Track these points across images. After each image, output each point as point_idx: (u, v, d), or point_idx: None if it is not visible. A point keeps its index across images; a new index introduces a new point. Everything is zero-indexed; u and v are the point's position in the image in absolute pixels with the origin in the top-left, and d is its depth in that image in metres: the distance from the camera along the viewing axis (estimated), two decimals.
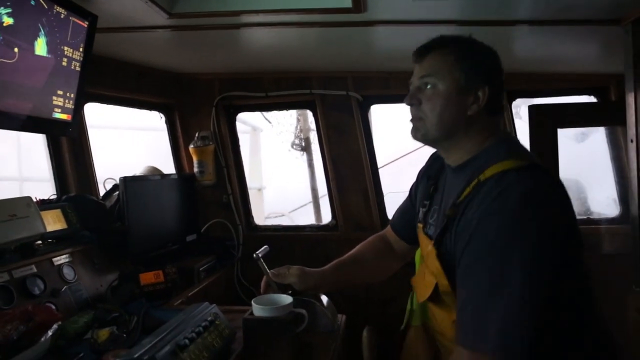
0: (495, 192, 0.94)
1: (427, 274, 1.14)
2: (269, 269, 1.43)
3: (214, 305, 1.37)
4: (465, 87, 1.08)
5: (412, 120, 1.16)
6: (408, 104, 1.15)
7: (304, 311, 1.32)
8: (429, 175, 1.33)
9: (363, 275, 1.55)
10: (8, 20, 1.24)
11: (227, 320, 1.36)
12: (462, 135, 1.12)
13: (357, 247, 1.58)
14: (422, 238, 1.25)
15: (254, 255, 1.45)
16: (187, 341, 1.10)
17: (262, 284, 1.42)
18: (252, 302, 1.29)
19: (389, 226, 1.57)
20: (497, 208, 0.93)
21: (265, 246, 1.53)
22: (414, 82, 1.15)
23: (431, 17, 1.73)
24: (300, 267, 1.41)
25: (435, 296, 1.11)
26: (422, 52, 1.14)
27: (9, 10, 1.23)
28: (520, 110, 2.89)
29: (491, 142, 1.11)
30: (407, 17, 1.74)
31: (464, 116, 1.09)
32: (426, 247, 1.17)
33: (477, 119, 1.10)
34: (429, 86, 1.10)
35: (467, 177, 1.06)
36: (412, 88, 1.15)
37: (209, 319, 1.26)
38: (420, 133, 1.14)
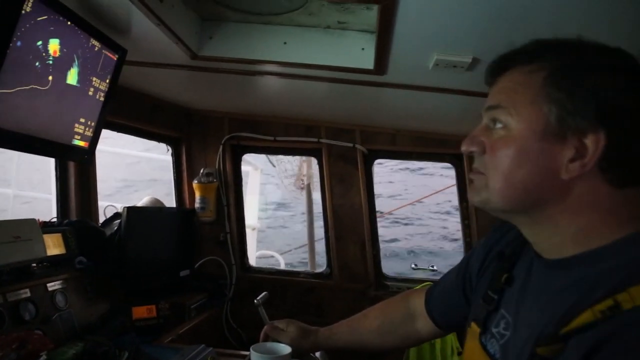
0: None
1: None
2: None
3: (211, 348, 1.36)
4: (559, 128, 0.65)
5: (470, 176, 0.76)
6: (464, 151, 0.76)
7: None
8: (502, 253, 0.87)
9: (362, 345, 1.27)
10: (50, 50, 1.29)
11: None
12: (555, 211, 0.68)
13: (369, 311, 1.26)
14: (478, 354, 0.81)
15: (255, 302, 1.45)
16: None
17: (262, 333, 1.39)
18: (251, 349, 1.28)
19: (420, 294, 1.16)
20: None
21: (265, 292, 1.54)
22: (483, 116, 0.75)
23: (444, 85, 1.82)
24: (298, 327, 1.31)
25: None
26: (498, 67, 0.74)
27: (54, 40, 1.28)
28: None
29: (630, 231, 0.64)
30: (422, 83, 1.83)
31: (554, 181, 0.66)
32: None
33: (585, 188, 0.65)
34: (498, 125, 0.71)
35: (578, 289, 0.63)
36: (480, 126, 0.75)
37: None
38: (478, 196, 0.74)
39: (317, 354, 1.47)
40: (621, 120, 0.63)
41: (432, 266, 3.05)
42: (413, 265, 3.22)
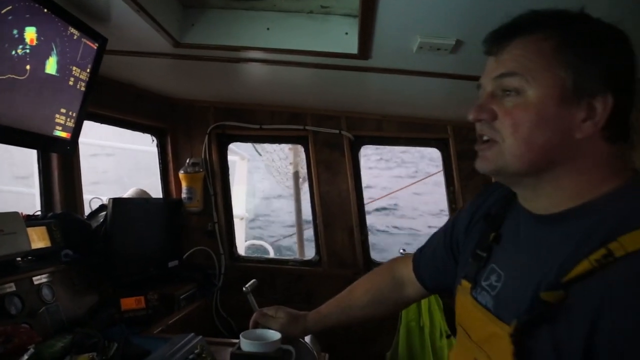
0: None
1: None
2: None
3: (201, 336, 1.36)
4: (574, 93, 0.69)
5: (478, 146, 0.79)
6: (474, 119, 0.77)
7: (291, 348, 1.32)
8: (489, 214, 0.92)
9: (351, 322, 1.35)
10: (26, 39, 1.26)
11: (213, 353, 1.34)
12: (563, 170, 0.72)
13: (354, 287, 1.31)
14: (471, 306, 0.85)
15: (244, 289, 1.45)
16: None
17: (252, 320, 1.40)
18: (241, 336, 1.28)
19: (406, 262, 1.21)
20: None
21: (254, 280, 1.54)
22: (484, 85, 0.78)
23: (428, 69, 1.82)
24: (287, 313, 1.33)
25: None
26: (503, 36, 0.75)
27: (31, 29, 1.25)
28: None
29: (617, 184, 0.71)
30: (406, 67, 1.82)
31: (569, 141, 0.71)
32: (485, 327, 0.79)
33: (590, 146, 0.71)
34: (510, 92, 0.73)
35: (572, 241, 0.68)
36: (483, 94, 0.77)
37: (196, 351, 1.24)
38: (492, 164, 0.76)
39: (307, 339, 1.49)
40: (622, 83, 0.70)
41: None
42: (402, 251, 3.25)
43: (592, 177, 0.72)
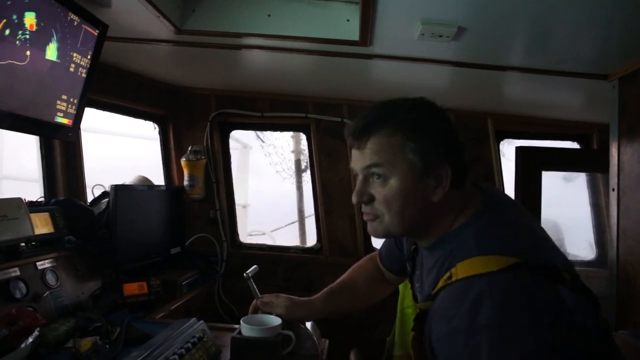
0: (464, 307, 0.79)
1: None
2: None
3: (202, 321, 1.37)
4: (424, 169, 0.91)
5: (366, 218, 0.99)
6: (357, 203, 0.97)
7: (291, 333, 1.33)
8: None
9: (354, 303, 1.47)
10: (26, 24, 1.26)
11: (214, 338, 1.36)
12: (431, 222, 0.95)
13: (348, 272, 1.48)
14: (410, 295, 1.17)
15: (244, 275, 1.46)
16: (176, 357, 1.11)
17: (251, 306, 1.41)
18: (241, 321, 1.29)
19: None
20: (464, 327, 0.78)
21: (255, 266, 1.55)
22: (357, 171, 0.97)
23: (430, 56, 1.81)
24: (288, 297, 1.37)
25: None
26: (361, 133, 0.94)
27: (30, 14, 1.25)
28: (504, 147, 2.99)
29: (461, 221, 0.94)
30: (408, 54, 1.81)
31: (429, 205, 0.93)
32: (414, 311, 1.08)
33: (444, 201, 0.93)
34: (378, 178, 0.93)
35: (438, 264, 0.93)
36: (359, 181, 0.96)
37: (197, 335, 1.26)
38: (380, 233, 0.98)
39: (307, 325, 1.50)
40: (453, 149, 0.94)
41: None
42: None
43: (447, 218, 0.95)
